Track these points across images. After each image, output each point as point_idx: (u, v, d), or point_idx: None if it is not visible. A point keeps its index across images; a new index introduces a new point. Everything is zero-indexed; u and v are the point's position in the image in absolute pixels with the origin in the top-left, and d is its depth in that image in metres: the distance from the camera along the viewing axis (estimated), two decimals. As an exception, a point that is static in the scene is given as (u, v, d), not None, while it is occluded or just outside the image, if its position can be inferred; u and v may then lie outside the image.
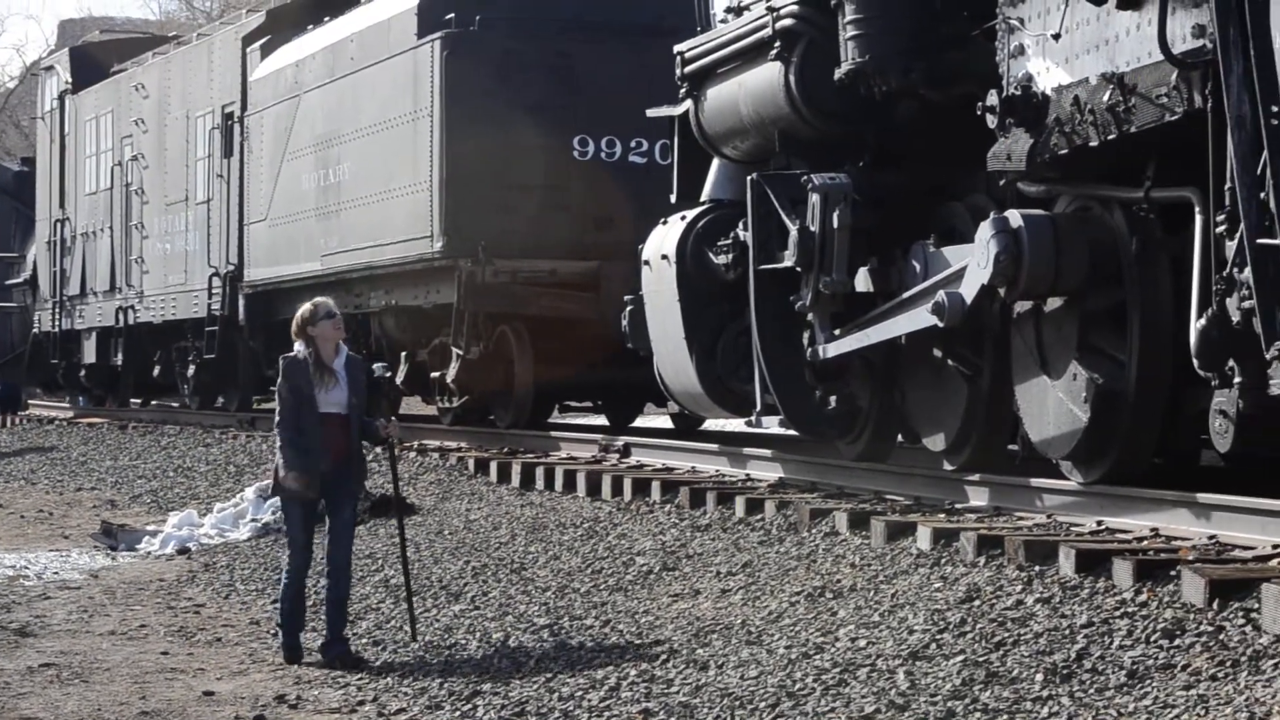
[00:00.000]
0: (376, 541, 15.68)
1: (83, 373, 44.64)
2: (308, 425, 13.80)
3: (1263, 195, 10.82)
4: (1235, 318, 11.45)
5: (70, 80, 44.39)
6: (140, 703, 13.00)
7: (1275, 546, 11.88)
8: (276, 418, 14.13)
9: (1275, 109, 10.73)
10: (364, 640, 13.84)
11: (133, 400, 43.10)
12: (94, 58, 45.01)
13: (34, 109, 52.22)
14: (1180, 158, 12.44)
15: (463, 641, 14.15)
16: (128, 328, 40.28)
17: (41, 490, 31.20)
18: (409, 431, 24.08)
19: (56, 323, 44.80)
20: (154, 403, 41.54)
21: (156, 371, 40.43)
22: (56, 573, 20.29)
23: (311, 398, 13.78)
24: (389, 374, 25.96)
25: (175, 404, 39.89)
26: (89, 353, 43.41)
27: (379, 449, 14.58)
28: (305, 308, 14.17)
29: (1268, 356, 11.29)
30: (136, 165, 39.24)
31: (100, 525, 24.36)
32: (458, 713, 11.96)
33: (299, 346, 13.94)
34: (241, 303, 33.54)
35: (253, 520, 21.91)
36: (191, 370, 37.88)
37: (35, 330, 47.20)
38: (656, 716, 11.06)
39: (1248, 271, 11.07)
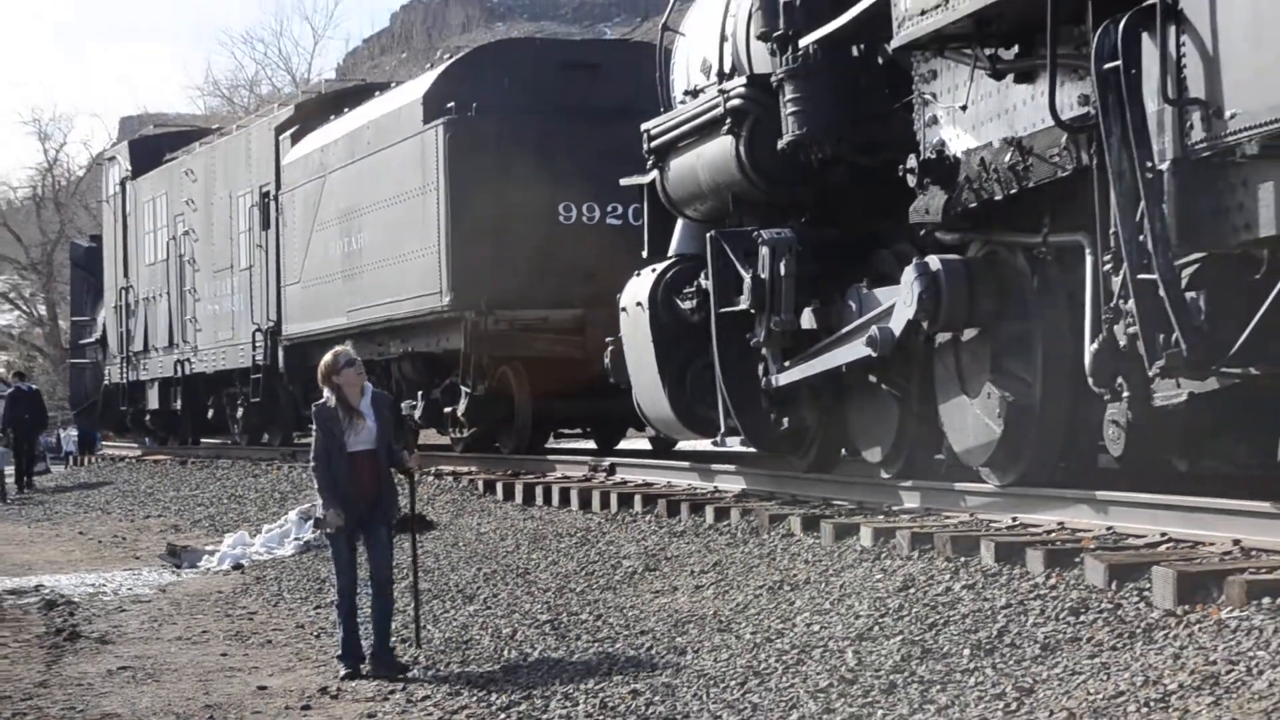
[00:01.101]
0: (402, 554, 15.63)
1: (147, 417, 44.62)
2: (339, 465, 13.57)
3: (1141, 238, 10.86)
4: (1122, 342, 11.51)
5: (130, 168, 44.39)
6: (204, 697, 12.99)
7: (1163, 535, 11.94)
8: (311, 460, 13.90)
9: (1149, 165, 10.77)
10: (392, 639, 13.76)
11: (190, 439, 43.01)
12: (149, 148, 45.01)
13: (100, 194, 52.15)
14: (1071, 207, 12.47)
15: (477, 637, 14.13)
16: (185, 378, 40.31)
17: (115, 518, 31.16)
18: (426, 459, 23.96)
19: (124, 375, 44.80)
20: (209, 441, 41.44)
21: (210, 414, 40.43)
22: (130, 589, 20.26)
23: (342, 441, 13.55)
24: (412, 412, 26.06)
25: (227, 441, 39.81)
26: (152, 400, 43.42)
27: (402, 475, 14.41)
28: (327, 358, 13.95)
29: (1150, 374, 11.36)
30: (188, 239, 39.25)
31: (166, 547, 24.36)
32: (474, 698, 11.94)
33: (326, 393, 13.76)
34: (281, 354, 33.55)
35: (295, 539, 21.90)
36: (240, 412, 37.89)
37: (106, 382, 47.19)
38: (643, 695, 11.06)
39: (1131, 303, 11.12)
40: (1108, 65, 11.00)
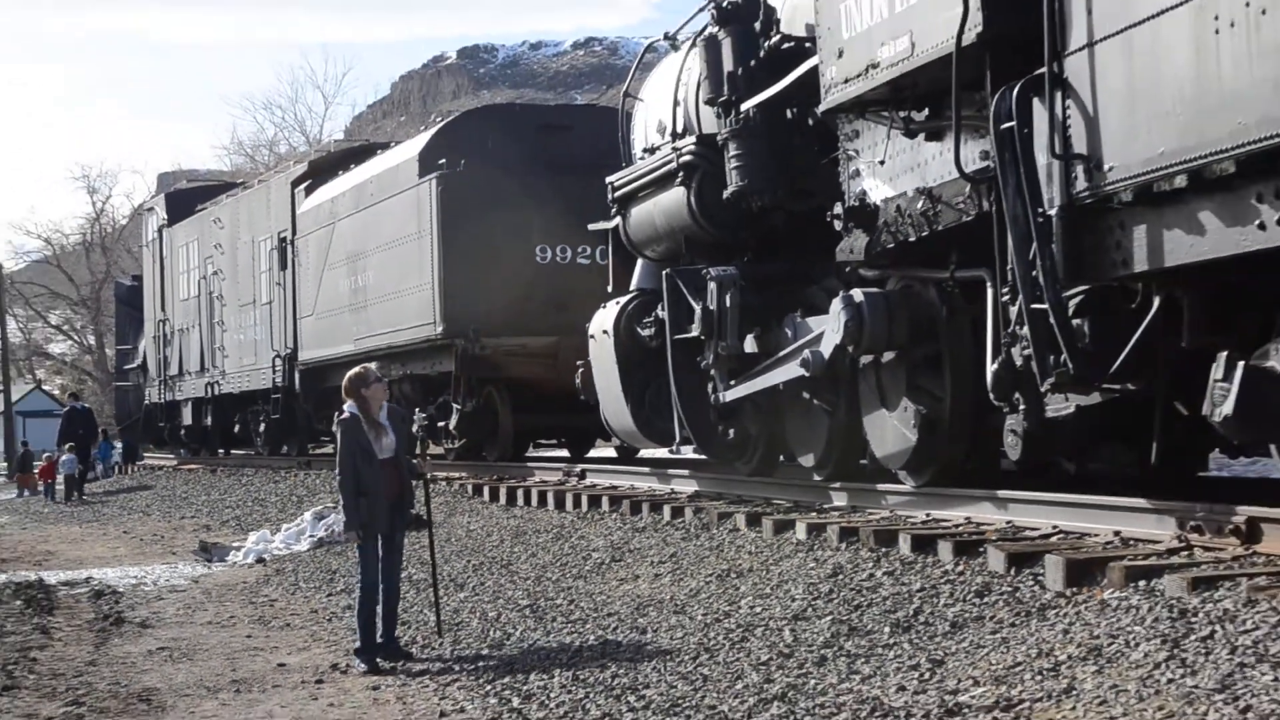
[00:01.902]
0: (407, 549, 15.59)
1: (182, 432, 44.52)
2: (368, 473, 13.16)
3: (1034, 273, 10.90)
4: (1018, 362, 11.53)
5: (166, 217, 44.36)
6: (231, 673, 12.97)
7: (1054, 527, 11.98)
8: (338, 473, 13.42)
9: (1040, 210, 10.81)
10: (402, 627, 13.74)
11: (219, 451, 42.93)
12: (183, 200, 44.99)
13: (140, 239, 52.01)
14: (975, 247, 12.48)
15: (467, 620, 14.11)
16: (214, 398, 40.27)
17: (155, 519, 31.08)
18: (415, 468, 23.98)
19: (162, 395, 44.77)
20: (235, 452, 41.37)
21: (236, 429, 40.40)
22: (167, 580, 20.21)
23: (370, 449, 13.24)
24: (426, 424, 26.04)
25: (251, 452, 39.74)
26: (186, 417, 43.36)
27: (416, 481, 14.21)
28: (356, 372, 13.58)
29: (1042, 390, 11.40)
30: (217, 278, 39.20)
31: (199, 543, 24.31)
32: (464, 673, 11.92)
33: (349, 405, 13.36)
34: (297, 376, 33.51)
35: (310, 536, 21.86)
36: (262, 427, 37.81)
37: (146, 402, 47.13)
38: (610, 668, 11.05)
39: (1026, 329, 11.15)
40: (1004, 125, 11.04)
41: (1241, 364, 9.92)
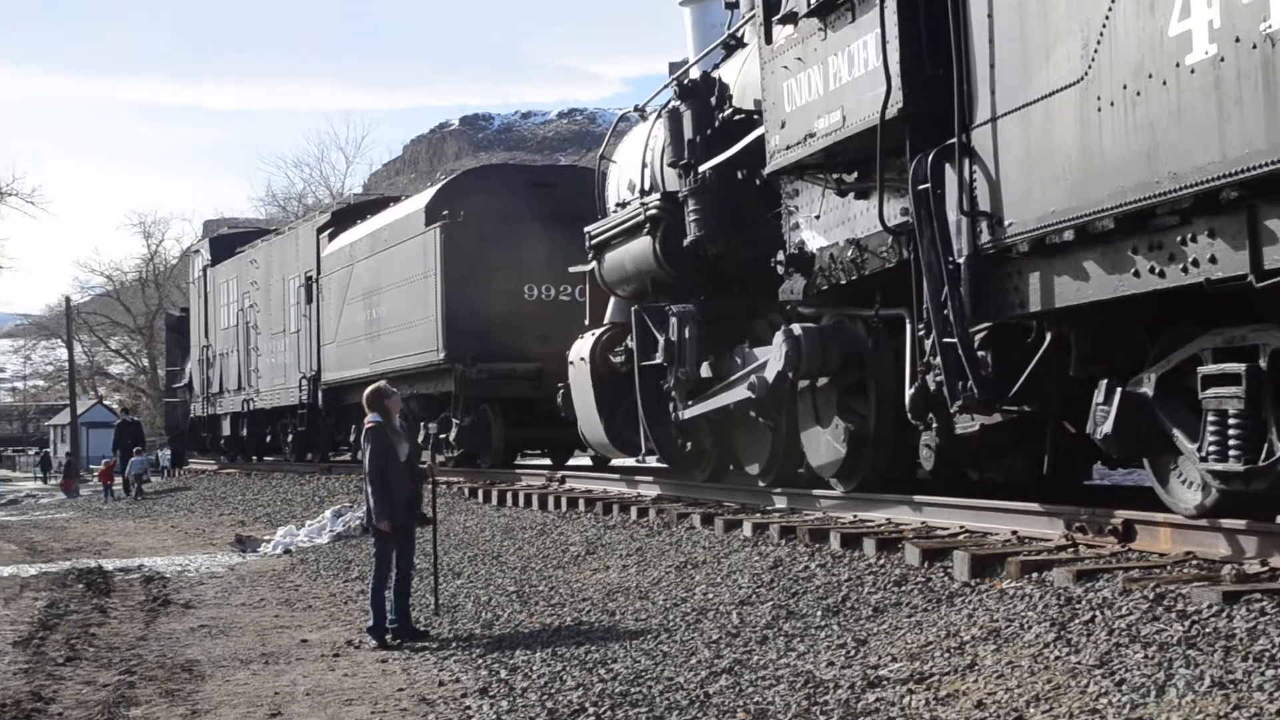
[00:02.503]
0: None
1: (222, 441, 44.39)
2: (393, 471, 13.09)
3: (945, 312, 10.93)
4: (932, 387, 11.57)
5: (210, 258, 44.26)
6: (261, 647, 12.92)
7: (961, 527, 12.00)
8: (368, 472, 13.11)
9: (951, 259, 10.84)
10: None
11: (253, 458, 42.81)
12: (224, 244, 44.89)
13: (187, 277, 51.85)
14: (896, 290, 12.50)
15: (462, 603, 14.07)
16: (249, 412, 40.15)
17: (197, 516, 30.98)
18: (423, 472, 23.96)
19: (205, 410, 44.63)
20: (267, 458, 41.25)
21: (268, 439, 40.30)
22: (207, 567, 20.14)
23: (395, 451, 13.19)
24: (435, 432, 26.01)
25: (280, 459, 39.62)
26: (225, 428, 43.24)
27: (424, 482, 14.15)
28: (378, 386, 13.55)
29: (952, 410, 11.44)
30: (252, 310, 39.11)
31: (235, 537, 24.21)
32: (459, 648, 11.90)
33: (373, 416, 13.22)
34: (320, 395, 33.42)
35: (330, 531, 21.80)
36: (290, 437, 37.75)
37: (191, 415, 47.02)
38: (583, 645, 11.05)
39: (938, 359, 11.18)
40: (921, 186, 11.07)
41: (1119, 390, 9.98)
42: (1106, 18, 9.16)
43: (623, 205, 18.51)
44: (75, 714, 10.52)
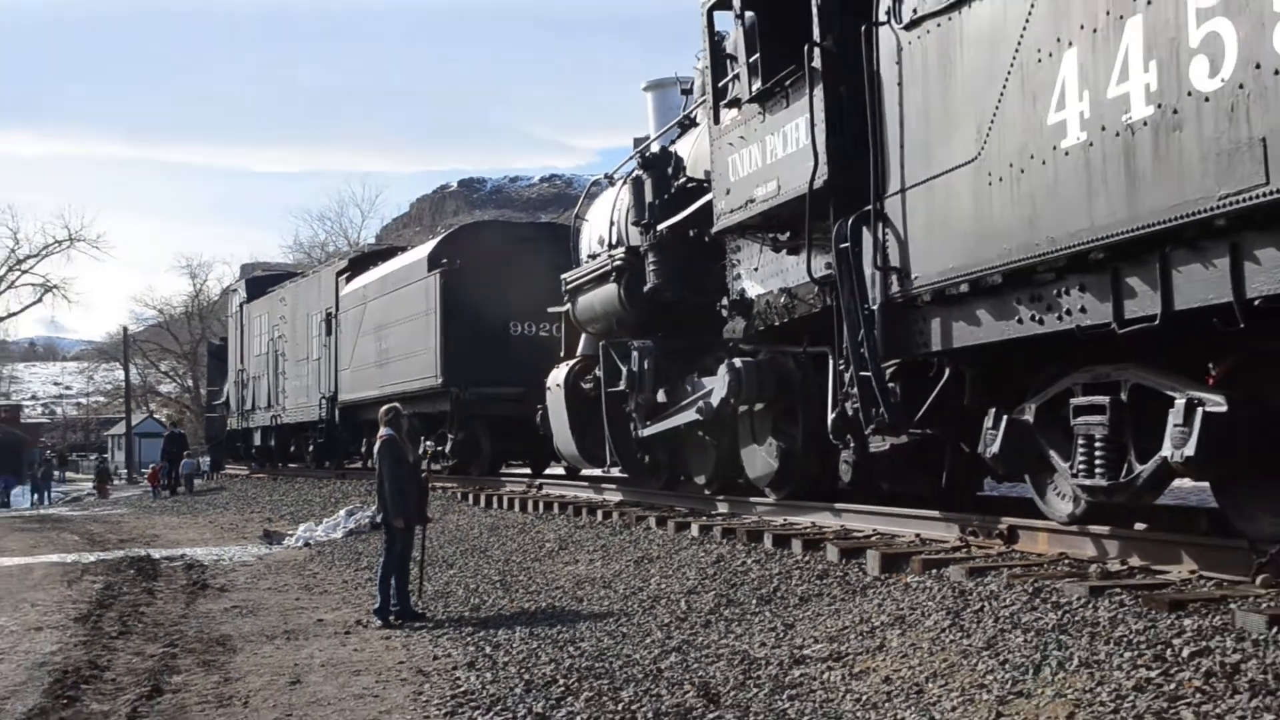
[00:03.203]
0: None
1: (253, 450, 44.16)
2: (406, 476, 13.19)
3: (861, 350, 10.95)
4: (850, 413, 11.58)
5: (245, 296, 44.09)
6: (284, 625, 12.86)
7: (874, 531, 12.04)
8: (387, 478, 13.06)
9: (867, 306, 10.86)
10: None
11: (279, 465, 42.59)
12: (258, 284, 44.71)
13: (226, 311, 51.68)
14: (821, 331, 12.53)
15: (453, 590, 14.02)
16: (277, 426, 39.95)
17: (231, 513, 30.82)
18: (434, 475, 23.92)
19: (239, 424, 44.41)
20: (291, 465, 41.04)
21: (292, 449, 40.14)
22: (239, 557, 20.03)
23: (406, 459, 13.29)
24: (432, 446, 25.95)
25: (302, 466, 39.43)
26: (256, 439, 43.01)
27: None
28: (391, 406, 13.72)
29: (866, 433, 11.45)
30: (281, 340, 38.94)
31: (263, 531, 24.12)
32: (451, 628, 11.86)
33: (386, 430, 13.24)
34: (337, 412, 33.29)
35: (344, 527, 21.69)
36: (310, 448, 37.54)
37: (228, 428, 46.78)
38: (556, 626, 11.03)
39: (855, 390, 11.20)
40: (842, 245, 11.08)
41: (1005, 418, 10.01)
42: (996, 108, 9.23)
43: (593, 257, 18.51)
44: (126, 680, 10.45)
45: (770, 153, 12.52)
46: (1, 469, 55.03)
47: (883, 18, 10.59)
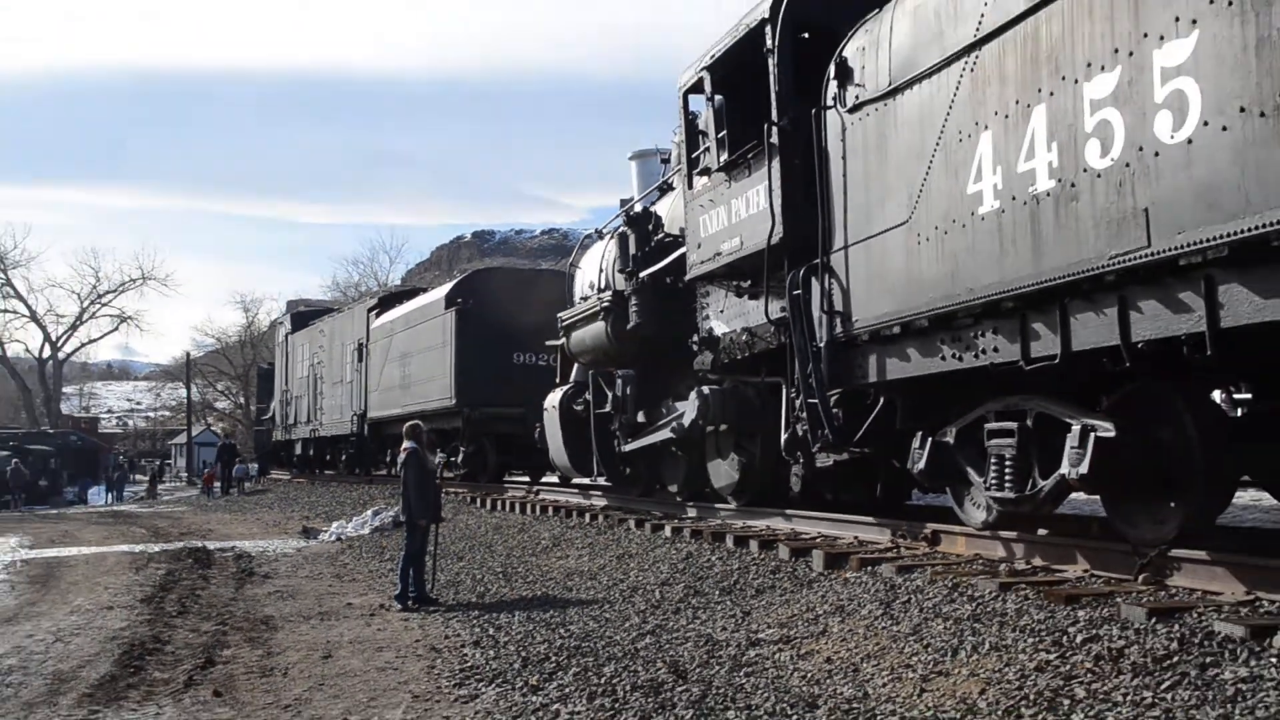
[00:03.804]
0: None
1: (294, 458, 44.04)
2: (427, 483, 13.16)
3: (810, 381, 10.99)
4: (800, 433, 11.58)
5: (290, 328, 44.02)
6: (318, 607, 12.80)
7: (819, 534, 12.02)
8: (412, 484, 13.02)
9: (814, 344, 10.90)
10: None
11: (317, 471, 42.44)
12: (301, 318, 44.63)
13: (274, 341, 51.57)
14: (777, 364, 12.55)
15: (463, 579, 13.97)
16: (315, 438, 39.85)
17: (275, 512, 30.66)
18: (445, 483, 23.91)
19: (284, 436, 44.28)
20: (327, 472, 40.92)
21: (328, 458, 40.08)
22: (281, 549, 19.92)
23: (427, 468, 13.27)
24: (444, 458, 25.88)
25: (336, 473, 39.33)
26: (297, 449, 42.87)
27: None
28: (415, 423, 13.67)
29: (814, 450, 11.45)
30: (320, 365, 38.85)
31: (301, 527, 23.98)
32: (460, 611, 11.82)
33: (410, 443, 13.21)
34: (366, 427, 33.23)
35: (370, 525, 21.59)
36: (344, 457, 37.55)
37: (274, 439, 46.64)
38: (549, 610, 10.98)
39: (804, 414, 11.23)
40: (795, 292, 11.12)
41: (930, 439, 10.05)
42: (924, 179, 9.29)
43: (585, 299, 18.51)
44: (183, 653, 10.40)
45: (735, 214, 12.57)
46: (81, 472, 54.65)
47: (830, 103, 10.67)
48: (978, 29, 8.62)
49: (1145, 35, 7.11)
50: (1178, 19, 6.88)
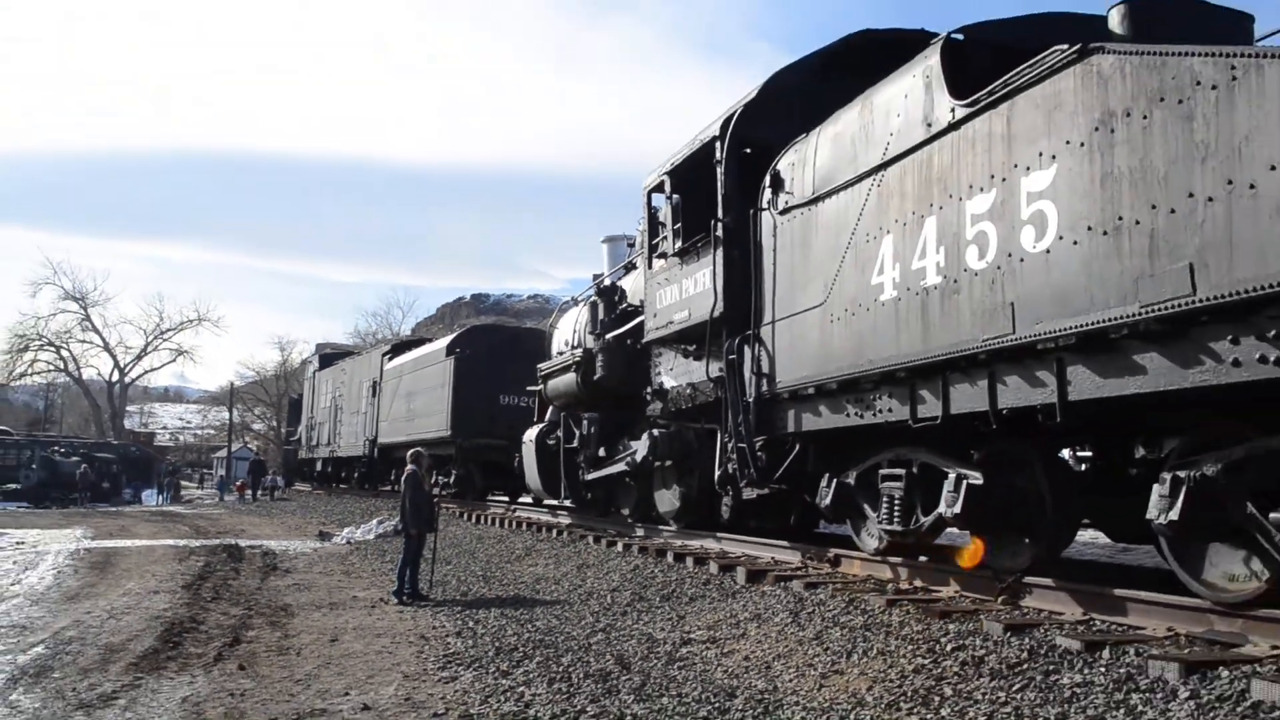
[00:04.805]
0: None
1: (315, 474, 43.50)
2: (423, 501, 13.03)
3: (740, 428, 11.02)
4: (730, 471, 11.58)
5: (318, 366, 43.62)
6: (329, 598, 12.60)
7: (743, 553, 11.95)
8: (409, 500, 12.97)
9: (744, 399, 10.92)
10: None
11: (334, 485, 41.90)
12: (327, 358, 44.19)
13: (303, 376, 51.00)
14: (714, 413, 12.55)
15: (449, 580, 13.79)
16: (333, 458, 39.35)
17: (297, 517, 30.19)
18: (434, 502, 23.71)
19: (307, 454, 43.72)
20: (341, 486, 40.42)
21: (343, 475, 39.57)
22: (300, 549, 19.58)
23: (423, 487, 13.12)
24: (440, 477, 25.66)
25: (348, 487, 38.86)
26: (319, 466, 42.31)
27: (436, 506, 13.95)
28: (417, 450, 13.55)
29: (741, 485, 11.43)
30: (340, 398, 38.45)
31: (318, 531, 23.59)
32: (444, 607, 11.67)
33: (411, 465, 13.13)
34: (376, 450, 32.90)
35: (375, 532, 21.27)
36: (356, 475, 37.09)
37: (299, 457, 46.05)
38: (521, 608, 10.85)
39: (734, 456, 11.23)
40: (731, 357, 11.17)
41: (835, 480, 10.09)
42: (838, 271, 9.40)
43: (561, 354, 18.44)
44: (215, 632, 10.22)
45: (685, 291, 12.64)
46: (137, 477, 53.78)
47: (765, 205, 10.79)
48: (884, 153, 8.77)
49: (1016, 165, 7.27)
50: (1041, 154, 7.05)
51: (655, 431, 14.22)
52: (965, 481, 8.23)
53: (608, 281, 17.53)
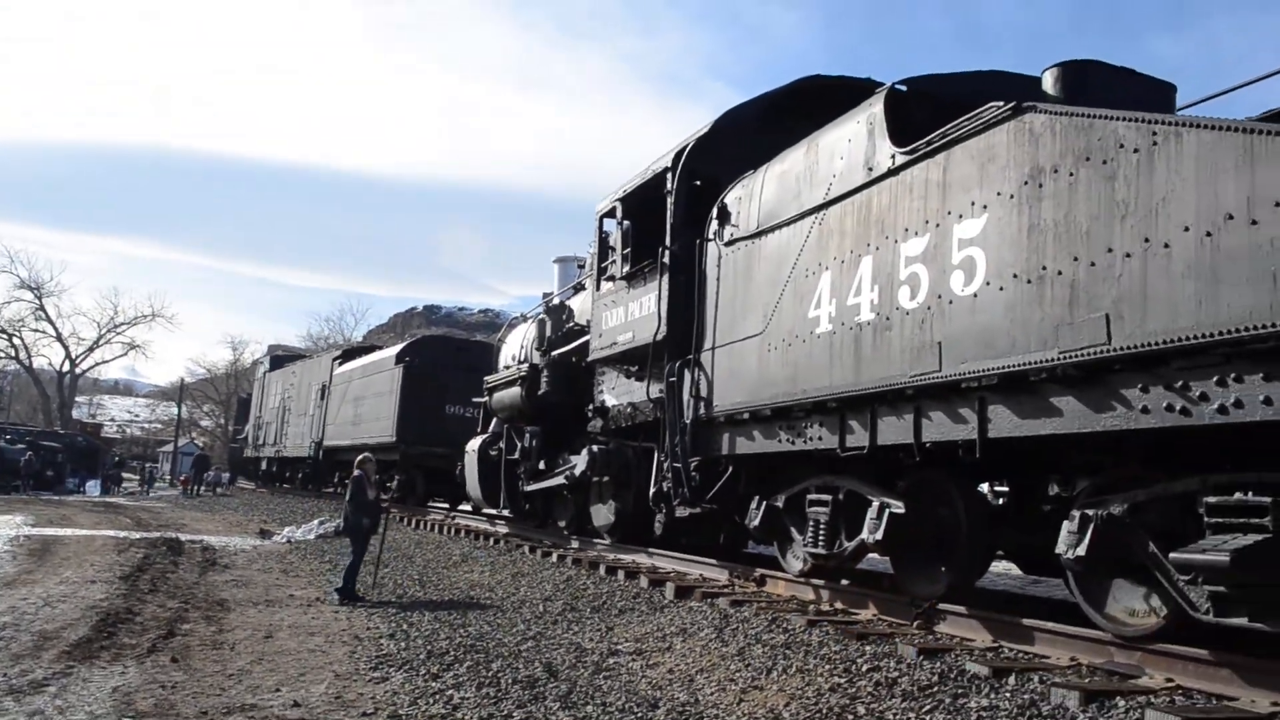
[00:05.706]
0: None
1: (260, 472, 42.75)
2: (368, 506, 12.82)
3: (676, 449, 11.02)
4: (665, 489, 11.58)
5: (268, 368, 42.97)
6: (266, 596, 12.33)
7: (673, 569, 11.93)
8: (351, 503, 12.74)
9: (682, 421, 10.94)
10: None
11: (278, 485, 41.16)
12: (278, 361, 43.58)
13: (253, 376, 50.10)
14: (653, 433, 12.55)
15: (386, 583, 13.56)
16: (279, 458, 38.76)
17: (238, 515, 29.58)
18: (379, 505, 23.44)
19: (253, 453, 43.00)
20: (285, 486, 39.73)
21: (287, 475, 38.94)
22: (240, 546, 19.17)
23: (368, 491, 12.88)
24: (384, 483, 25.32)
25: (292, 487, 38.20)
26: (263, 465, 41.64)
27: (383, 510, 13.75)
28: (364, 455, 13.34)
29: (675, 504, 11.42)
30: (289, 399, 37.87)
31: (259, 529, 23.16)
32: (380, 608, 11.49)
33: (358, 471, 12.93)
34: (321, 453, 32.44)
35: (316, 532, 20.95)
36: (300, 475, 36.51)
37: (244, 455, 45.24)
38: (455, 613, 10.71)
39: (670, 475, 11.23)
40: (671, 379, 11.20)
41: (765, 503, 10.12)
42: (777, 302, 9.46)
43: (508, 368, 18.37)
44: (150, 624, 9.94)
45: (630, 313, 12.65)
46: (82, 467, 52.38)
47: (711, 236, 10.85)
48: (827, 193, 8.87)
49: (949, 212, 7.38)
50: (974, 203, 7.17)
51: (595, 448, 14.18)
52: (888, 510, 8.30)
53: (557, 300, 17.49)
